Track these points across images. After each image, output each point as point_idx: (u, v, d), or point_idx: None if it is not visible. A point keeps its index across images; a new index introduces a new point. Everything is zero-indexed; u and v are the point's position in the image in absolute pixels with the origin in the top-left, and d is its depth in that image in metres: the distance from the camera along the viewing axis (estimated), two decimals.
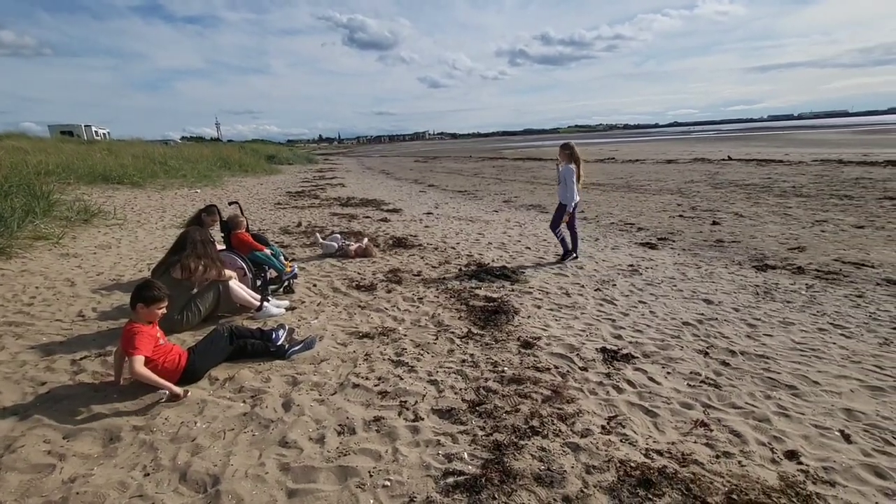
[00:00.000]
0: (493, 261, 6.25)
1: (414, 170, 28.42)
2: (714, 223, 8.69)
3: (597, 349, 3.53)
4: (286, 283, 4.76)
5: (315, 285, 5.09)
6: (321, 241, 6.82)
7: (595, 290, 4.98)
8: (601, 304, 4.55)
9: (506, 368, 3.20)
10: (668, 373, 3.20)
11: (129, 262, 6.00)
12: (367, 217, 10.04)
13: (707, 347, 3.59)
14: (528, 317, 4.20)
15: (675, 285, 5.17)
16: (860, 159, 18.69)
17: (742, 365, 3.30)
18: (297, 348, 3.36)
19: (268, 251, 4.80)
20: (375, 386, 2.96)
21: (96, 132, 47.34)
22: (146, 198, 11.84)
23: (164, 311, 2.91)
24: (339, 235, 6.96)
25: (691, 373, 3.19)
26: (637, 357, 3.41)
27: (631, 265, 5.99)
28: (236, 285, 3.94)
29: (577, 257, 6.33)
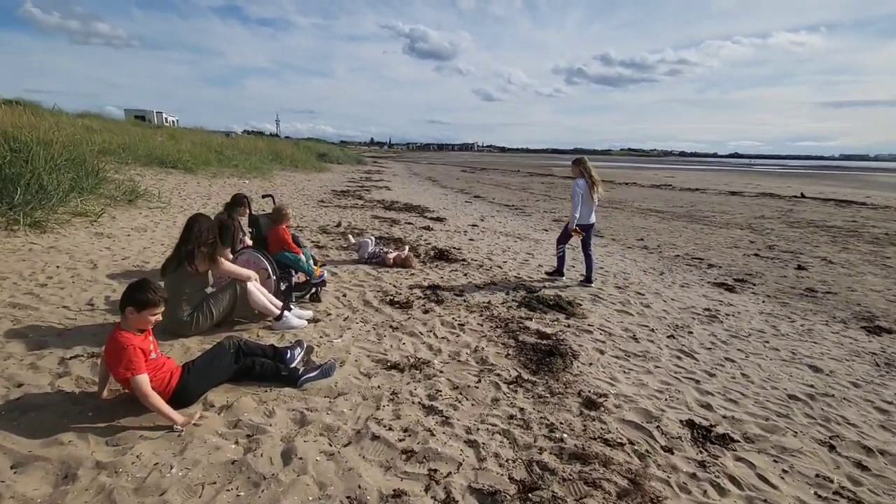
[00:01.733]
0: (544, 286, 5.54)
1: (461, 179, 27.98)
2: (800, 267, 7.58)
3: (682, 421, 2.77)
4: (313, 291, 4.26)
5: (345, 295, 4.56)
6: (353, 241, 6.32)
7: (668, 338, 4.18)
8: (678, 357, 3.75)
9: (565, 436, 2.51)
10: (785, 471, 2.40)
11: (160, 247, 5.72)
12: (410, 223, 9.55)
13: (830, 438, 2.74)
14: (590, 364, 3.47)
15: (766, 342, 4.28)
16: None
17: (886, 471, 2.46)
18: (312, 375, 2.81)
19: (301, 254, 4.32)
20: (400, 441, 2.34)
21: (166, 119, 50.16)
22: (196, 184, 11.91)
23: (158, 317, 2.43)
24: (371, 239, 6.47)
25: (818, 476, 2.37)
26: (737, 440, 2.63)
27: (707, 309, 5.11)
28: (256, 288, 3.46)
29: (590, 285, 5.79)
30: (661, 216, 13.80)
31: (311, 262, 4.36)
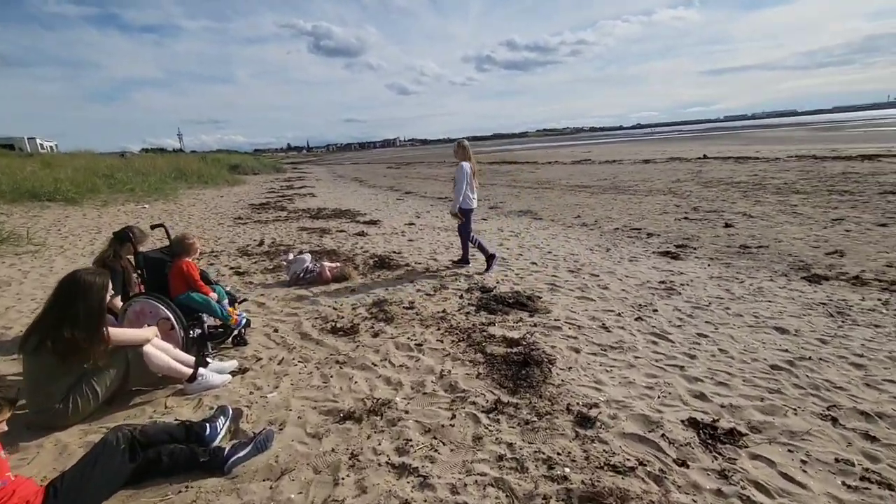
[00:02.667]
0: (498, 283, 5.16)
1: (388, 176, 27.19)
2: (727, 225, 7.89)
3: (684, 422, 2.47)
4: (235, 333, 3.52)
5: (276, 330, 3.86)
6: (286, 261, 5.58)
7: (636, 320, 3.95)
8: (654, 342, 3.51)
9: (568, 470, 2.10)
10: (804, 461, 2.17)
11: (29, 305, 4.61)
12: (342, 231, 8.81)
13: (828, 409, 2.59)
14: (569, 368, 3.11)
15: (727, 308, 4.20)
16: (832, 154, 18.65)
17: (893, 437, 2.31)
18: (243, 453, 2.16)
19: (213, 294, 3.52)
20: None
21: (41, 145, 44.08)
22: (80, 216, 10.23)
23: (2, 426, 1.68)
24: (308, 255, 5.74)
25: (837, 461, 2.16)
26: (745, 433, 2.37)
27: (662, 282, 5.01)
28: (155, 349, 2.70)
29: (466, 266, 5.91)
30: (589, 191, 14.10)
31: (226, 301, 3.59)
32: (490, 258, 5.75)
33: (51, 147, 43.35)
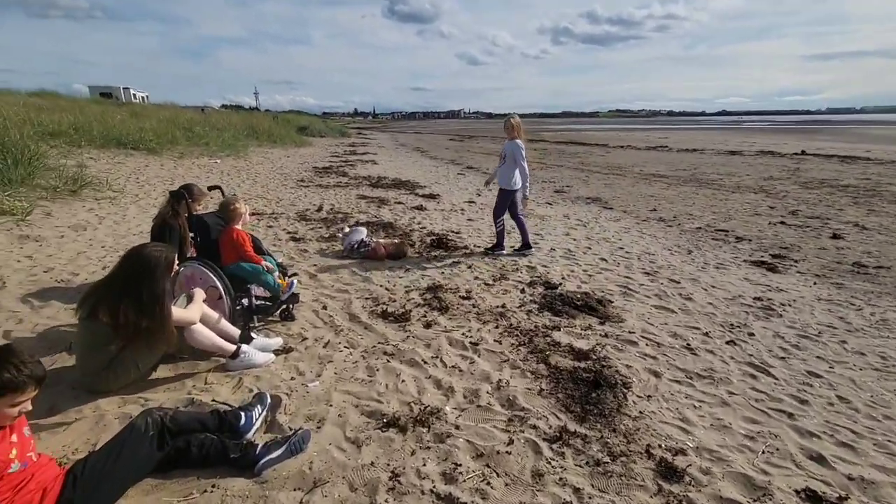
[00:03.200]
0: (563, 278, 4.69)
1: (450, 149, 26.71)
2: (835, 236, 6.83)
3: (799, 493, 1.98)
4: (284, 308, 3.35)
5: (325, 307, 3.67)
6: (343, 233, 5.40)
7: (728, 344, 3.38)
8: (753, 376, 2.95)
9: None
10: None
11: (98, 252, 4.74)
12: (400, 203, 8.57)
13: None
14: (648, 396, 2.66)
15: (843, 342, 3.51)
16: None
17: None
18: (275, 455, 1.95)
19: (264, 263, 3.34)
20: None
21: (135, 95, 47.38)
22: (159, 166, 10.72)
23: (24, 406, 1.54)
24: (364, 228, 5.53)
25: None
26: None
27: (758, 298, 4.32)
28: (201, 327, 2.54)
29: (531, 249, 5.59)
30: (666, 181, 12.94)
31: (277, 273, 3.40)
32: (497, 246, 5.56)
33: (143, 98, 46.52)
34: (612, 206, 9.36)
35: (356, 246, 5.14)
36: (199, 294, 2.68)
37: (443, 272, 4.70)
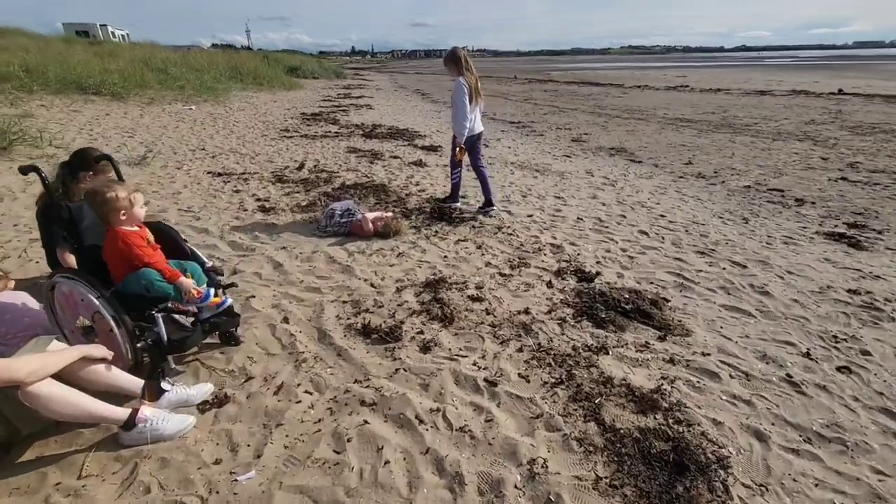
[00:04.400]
0: (599, 262, 3.69)
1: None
2: None
3: None
4: (210, 323, 2.35)
5: (286, 318, 2.71)
6: (337, 208, 4.29)
7: (841, 372, 2.43)
8: None
9: None
10: None
11: (4, 234, 3.75)
12: (396, 157, 7.40)
13: None
14: (760, 486, 1.74)
15: None
16: None
17: None
18: None
19: (183, 280, 2.15)
20: None
21: (113, 33, 44.21)
22: (122, 114, 9.44)
23: None
24: (351, 202, 4.49)
25: None
26: None
27: (854, 292, 3.33)
28: (55, 387, 1.59)
29: (493, 207, 4.84)
30: (695, 127, 11.55)
31: (204, 287, 2.33)
32: (451, 198, 4.96)
33: (122, 36, 43.46)
34: (640, 158, 8.14)
35: (339, 216, 4.11)
36: (58, 342, 1.71)
37: (445, 256, 3.69)
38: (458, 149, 4.61)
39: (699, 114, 13.99)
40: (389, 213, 4.32)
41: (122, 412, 1.75)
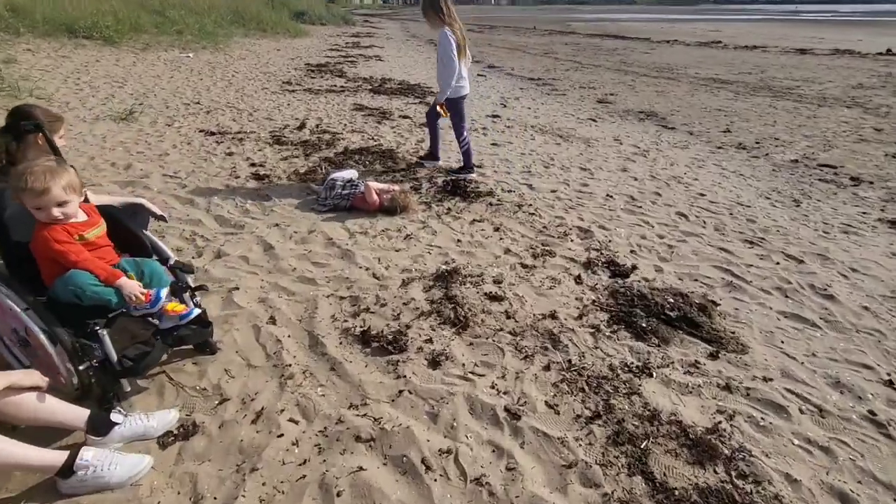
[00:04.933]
0: (634, 251, 3.24)
1: (468, 42, 23.22)
2: None
3: None
4: (197, 342, 1.97)
5: (273, 318, 2.33)
6: (338, 178, 3.85)
7: None
8: None
9: None
10: None
11: None
12: (406, 117, 6.81)
13: None
14: None
15: None
16: None
17: None
18: None
19: (123, 280, 1.69)
20: None
21: None
22: (113, 61, 8.80)
23: None
24: (354, 171, 4.03)
25: None
26: None
27: None
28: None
29: (472, 173, 4.48)
30: (731, 89, 10.63)
31: (164, 291, 1.86)
32: (432, 157, 4.68)
33: None
34: (673, 123, 7.45)
35: (340, 187, 3.66)
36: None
37: (459, 241, 3.25)
38: (437, 106, 4.28)
39: (735, 74, 12.93)
40: (397, 186, 3.85)
41: (55, 457, 1.40)
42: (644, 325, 2.40)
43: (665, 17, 62.18)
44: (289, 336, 2.20)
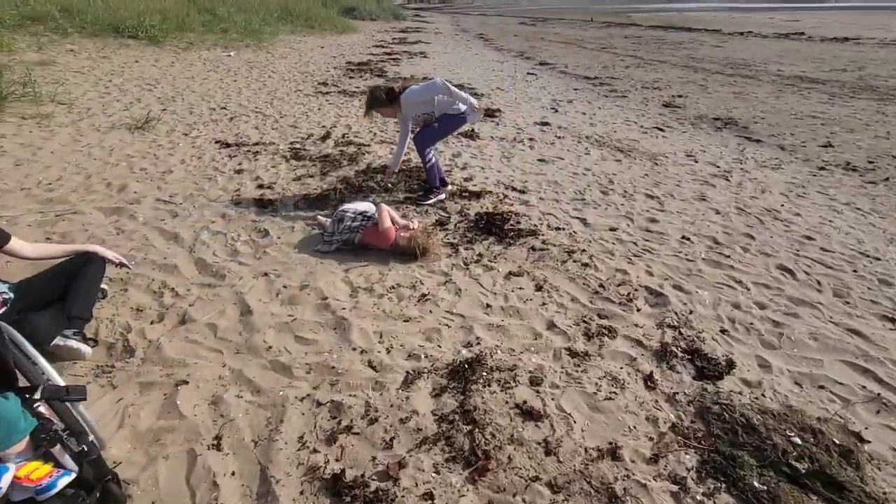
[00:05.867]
0: (723, 330, 2.38)
1: (519, 36, 22.15)
2: None
3: None
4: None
5: (219, 440, 1.70)
6: (325, 218, 3.29)
7: None
8: None
9: None
10: None
11: None
12: None
13: None
14: None
15: None
16: None
17: None
18: None
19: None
20: None
21: None
22: (152, 61, 8.66)
23: None
24: (370, 203, 3.40)
25: None
26: None
27: None
28: None
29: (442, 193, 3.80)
30: (824, 90, 9.13)
31: (22, 435, 1.17)
32: (436, 189, 3.76)
33: None
34: (758, 134, 6.29)
35: (350, 220, 3.02)
36: None
37: (488, 306, 2.51)
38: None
39: (825, 71, 11.24)
40: (417, 223, 3.17)
41: None
42: (757, 484, 1.58)
43: (735, 5, 57.50)
44: (232, 474, 1.57)
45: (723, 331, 2.42)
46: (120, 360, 2.03)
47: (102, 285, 2.33)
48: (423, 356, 2.12)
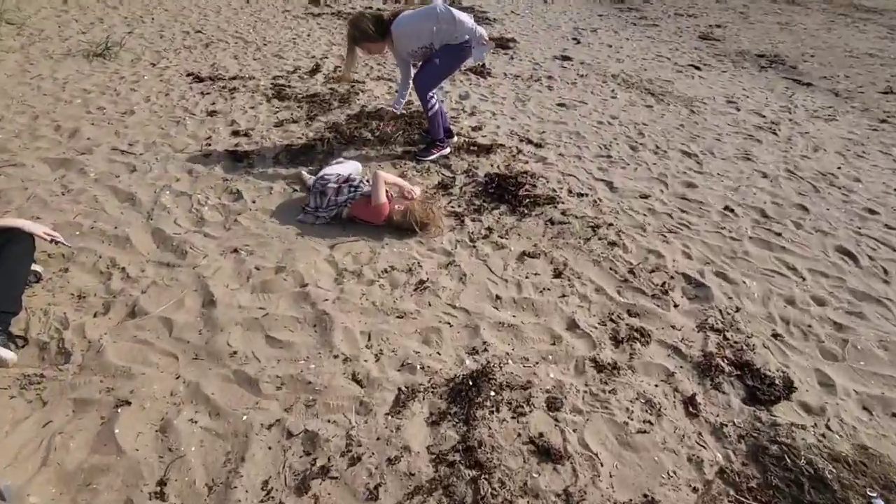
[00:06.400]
0: (775, 334, 2.01)
1: None
2: None
3: None
4: None
5: (163, 484, 1.38)
6: (310, 175, 2.80)
7: None
8: None
9: None
10: None
11: None
12: None
13: None
14: None
15: None
16: None
17: None
18: None
19: None
20: None
21: None
22: None
23: None
24: (355, 164, 2.89)
25: None
26: None
27: None
28: None
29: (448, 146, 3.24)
30: (883, 22, 8.09)
31: None
32: (439, 143, 3.18)
33: None
34: (808, 76, 5.54)
35: (334, 192, 2.54)
36: None
37: (498, 297, 2.12)
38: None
39: None
40: (417, 189, 2.69)
41: None
42: None
43: None
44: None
45: (775, 335, 2.04)
46: (53, 365, 1.68)
47: (35, 267, 1.94)
48: (418, 367, 1.76)
